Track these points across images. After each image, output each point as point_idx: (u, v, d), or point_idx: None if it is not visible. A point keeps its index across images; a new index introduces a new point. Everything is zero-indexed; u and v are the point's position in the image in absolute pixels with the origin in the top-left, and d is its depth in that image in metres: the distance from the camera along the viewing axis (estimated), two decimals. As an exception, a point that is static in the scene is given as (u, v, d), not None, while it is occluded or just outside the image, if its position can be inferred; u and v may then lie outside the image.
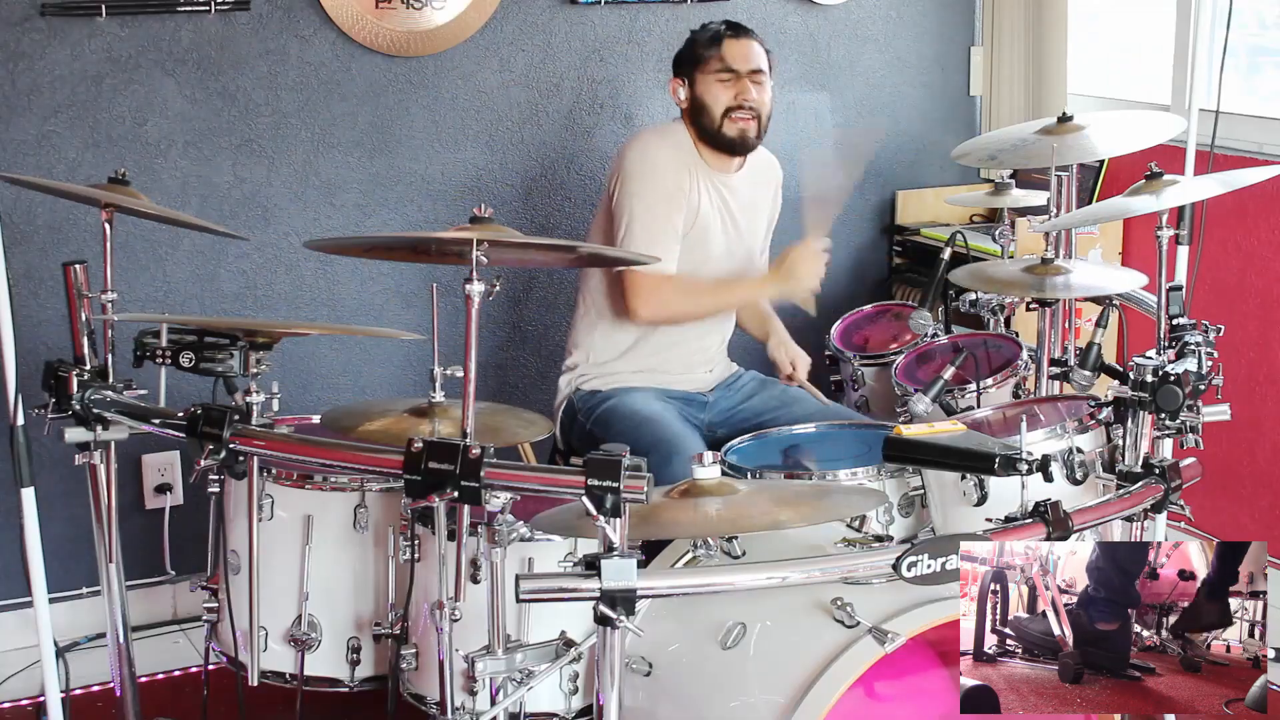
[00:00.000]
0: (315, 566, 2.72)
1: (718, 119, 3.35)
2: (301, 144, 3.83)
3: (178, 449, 3.78)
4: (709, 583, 2.11)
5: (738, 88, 3.35)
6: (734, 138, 3.36)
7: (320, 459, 2.42)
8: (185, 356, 2.46)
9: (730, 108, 3.34)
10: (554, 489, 2.15)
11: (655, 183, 3.30)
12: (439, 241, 2.38)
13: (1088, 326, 3.25)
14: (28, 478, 2.56)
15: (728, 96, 3.34)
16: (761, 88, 3.38)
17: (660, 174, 3.31)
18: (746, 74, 3.36)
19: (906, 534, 2.80)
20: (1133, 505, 2.33)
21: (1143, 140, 3.13)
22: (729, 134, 3.35)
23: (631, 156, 3.34)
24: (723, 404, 3.48)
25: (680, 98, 3.41)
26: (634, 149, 3.36)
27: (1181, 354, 2.62)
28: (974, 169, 4.50)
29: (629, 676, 2.44)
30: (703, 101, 3.36)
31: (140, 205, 2.78)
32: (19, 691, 3.47)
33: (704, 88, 3.36)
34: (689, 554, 2.61)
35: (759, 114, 3.37)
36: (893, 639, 2.21)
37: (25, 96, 3.55)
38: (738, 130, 3.35)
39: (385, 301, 3.99)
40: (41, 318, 3.57)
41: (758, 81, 3.37)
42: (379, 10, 3.81)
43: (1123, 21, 4.67)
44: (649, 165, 3.32)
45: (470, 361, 2.24)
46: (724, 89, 3.34)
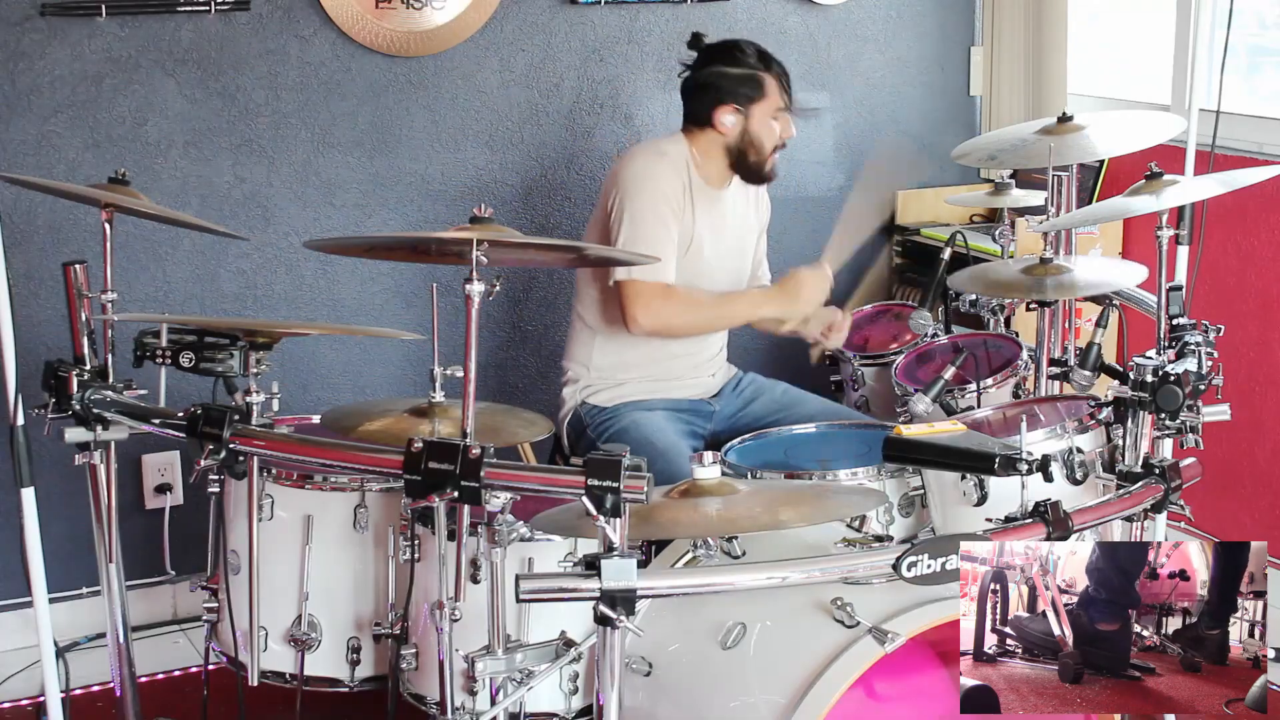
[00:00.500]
0: (315, 566, 2.72)
1: (768, 155, 3.36)
2: (301, 144, 3.83)
3: (178, 449, 3.78)
4: (709, 583, 2.11)
5: (784, 124, 3.36)
6: (770, 171, 3.39)
7: (320, 459, 2.42)
8: (185, 356, 2.46)
9: (776, 145, 3.36)
10: (554, 489, 2.15)
11: (653, 196, 3.26)
12: (439, 241, 2.38)
13: (1088, 326, 3.25)
14: (28, 478, 2.56)
15: (775, 135, 3.35)
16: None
17: (658, 188, 3.26)
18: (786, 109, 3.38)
19: (906, 534, 2.80)
20: (1133, 505, 2.33)
21: (1143, 140, 3.13)
22: (767, 169, 3.38)
23: (629, 172, 3.29)
24: (727, 410, 3.47)
25: (727, 125, 3.32)
26: (632, 165, 3.32)
27: (1181, 354, 2.62)
28: (974, 169, 4.50)
29: (629, 676, 2.44)
30: (757, 138, 3.33)
31: (140, 205, 2.78)
32: (19, 691, 3.47)
33: (761, 123, 3.33)
34: (689, 554, 2.61)
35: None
36: (893, 639, 2.21)
37: (25, 96, 3.55)
38: (772, 165, 3.38)
39: (385, 301, 3.99)
40: (41, 318, 3.57)
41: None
42: (379, 10, 3.81)
43: (1123, 21, 4.67)
44: (648, 179, 3.27)
45: (470, 361, 2.24)
46: (774, 126, 3.34)
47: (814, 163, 4.41)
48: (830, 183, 4.45)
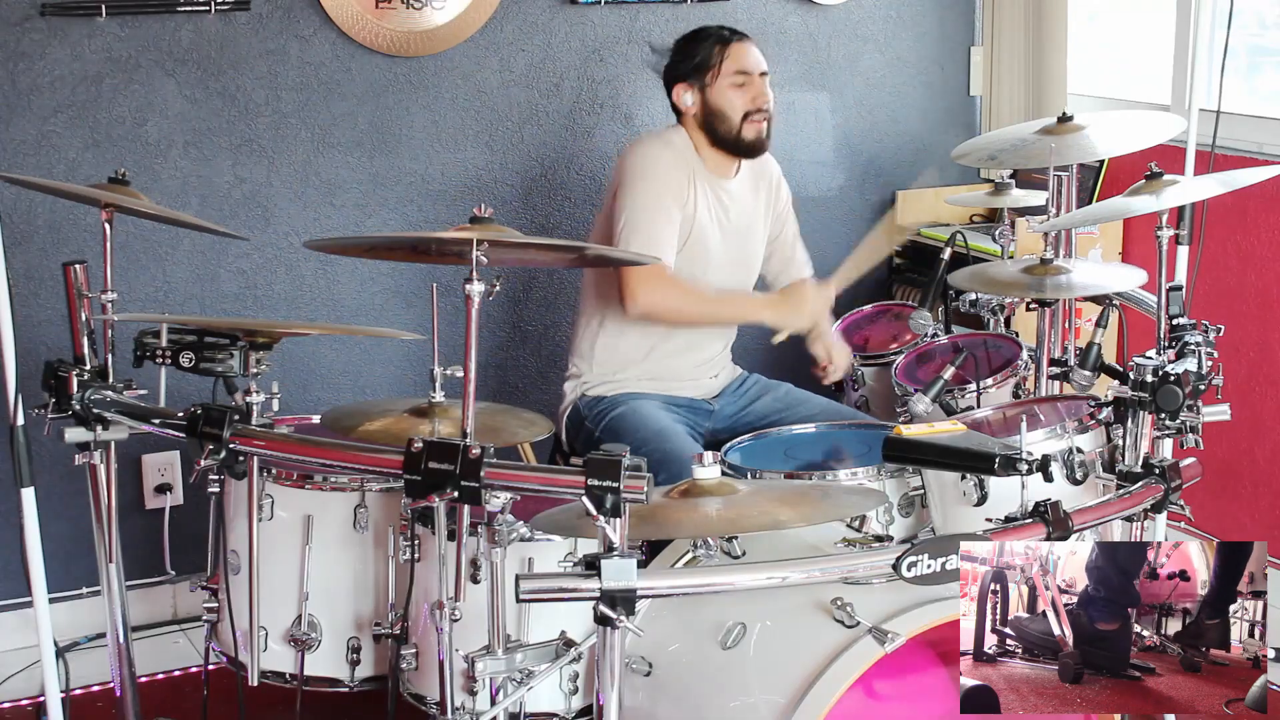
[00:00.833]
0: (315, 566, 2.72)
1: (737, 124, 3.34)
2: (301, 144, 3.83)
3: (178, 449, 3.78)
4: (709, 583, 2.11)
5: (753, 90, 3.34)
6: (753, 140, 3.36)
7: (320, 459, 2.42)
8: (185, 356, 2.46)
9: (749, 111, 3.34)
10: (554, 489, 2.15)
11: (654, 183, 3.29)
12: (439, 241, 2.38)
13: (1088, 326, 3.25)
14: (28, 478, 2.56)
15: (744, 100, 3.33)
16: (769, 89, 3.39)
17: (659, 175, 3.30)
18: (758, 75, 3.36)
19: (906, 534, 2.80)
20: (1133, 505, 2.33)
21: (1143, 140, 3.13)
22: (748, 137, 3.35)
23: (631, 160, 3.33)
24: (728, 410, 3.47)
25: (687, 104, 3.37)
26: (633, 153, 3.35)
27: (1181, 354, 2.62)
28: (974, 169, 4.50)
29: (629, 676, 2.44)
30: (718, 107, 3.34)
31: (140, 205, 2.78)
32: (19, 691, 3.47)
33: (718, 94, 3.34)
34: (689, 554, 2.61)
35: (770, 115, 3.38)
36: (893, 639, 2.21)
37: (25, 96, 3.55)
38: (755, 132, 3.35)
39: (385, 301, 3.99)
40: (41, 318, 3.57)
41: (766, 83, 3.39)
42: (379, 10, 3.81)
43: (1123, 21, 4.67)
44: (648, 167, 3.30)
45: (470, 361, 2.24)
46: (739, 93, 3.33)
47: (814, 163, 4.41)
48: (830, 183, 4.45)
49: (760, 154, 3.42)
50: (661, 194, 3.29)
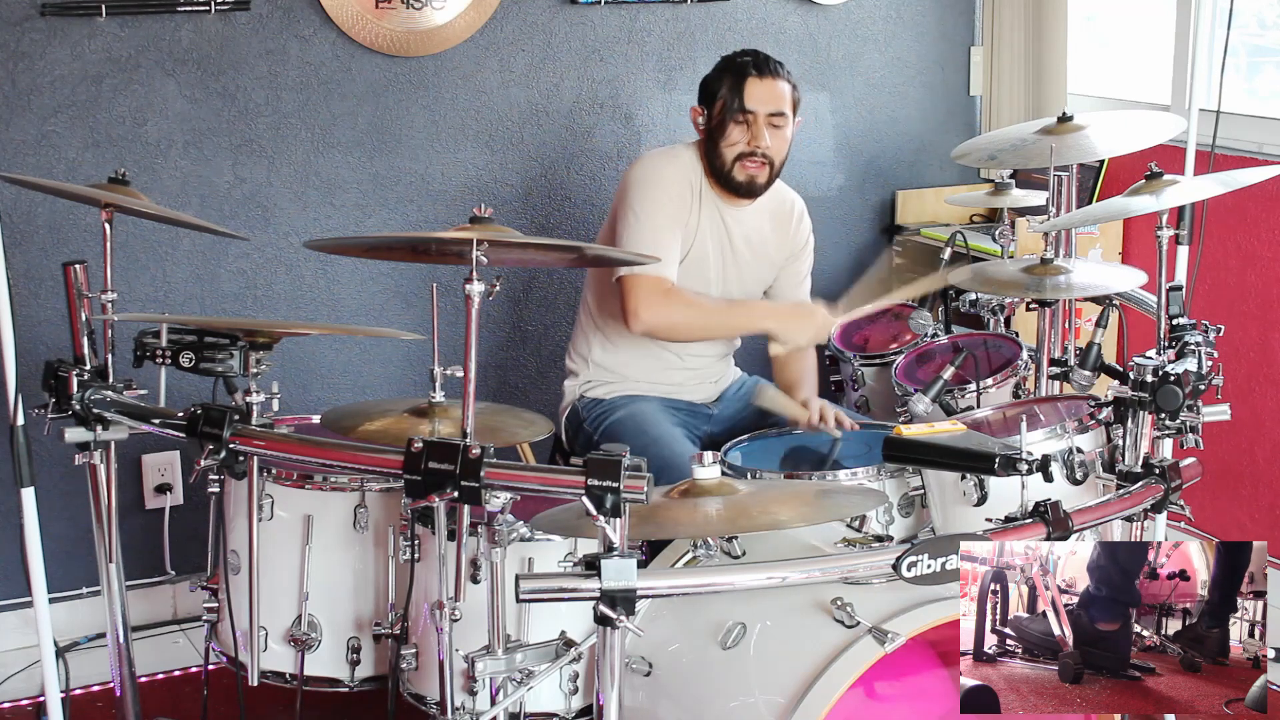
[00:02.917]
0: (315, 566, 2.72)
1: (729, 162, 3.22)
2: (301, 144, 3.83)
3: (178, 449, 3.78)
4: (709, 583, 2.11)
5: (753, 132, 3.20)
6: (741, 183, 3.25)
7: (320, 459, 2.42)
8: (185, 356, 2.46)
9: (743, 153, 3.21)
10: (554, 489, 2.15)
11: (657, 196, 3.23)
12: (439, 241, 2.38)
13: (1088, 326, 3.25)
14: (28, 478, 2.56)
15: (742, 140, 3.20)
16: (779, 132, 3.23)
17: (663, 189, 3.24)
18: (765, 117, 3.21)
19: (906, 534, 2.80)
20: (1133, 505, 2.33)
21: (1143, 140, 3.13)
22: (738, 178, 3.24)
23: (635, 174, 3.28)
24: (727, 411, 3.46)
25: (699, 125, 3.29)
26: (638, 167, 3.30)
27: (1181, 354, 2.62)
28: (974, 169, 4.50)
29: (629, 676, 2.44)
30: (715, 140, 3.23)
31: (140, 205, 2.78)
32: (19, 691, 3.47)
33: (719, 126, 3.22)
34: (689, 554, 2.61)
35: (771, 161, 3.24)
36: (893, 639, 2.21)
37: (25, 96, 3.55)
38: (746, 176, 3.23)
39: (385, 301, 3.99)
40: (41, 318, 3.57)
41: (777, 125, 3.22)
42: (379, 10, 3.81)
43: (1122, 21, 4.67)
44: (652, 181, 3.25)
45: (470, 361, 2.24)
46: (739, 131, 3.21)
47: (814, 163, 4.41)
48: (830, 183, 4.45)
49: (752, 197, 3.29)
50: (664, 207, 3.24)
